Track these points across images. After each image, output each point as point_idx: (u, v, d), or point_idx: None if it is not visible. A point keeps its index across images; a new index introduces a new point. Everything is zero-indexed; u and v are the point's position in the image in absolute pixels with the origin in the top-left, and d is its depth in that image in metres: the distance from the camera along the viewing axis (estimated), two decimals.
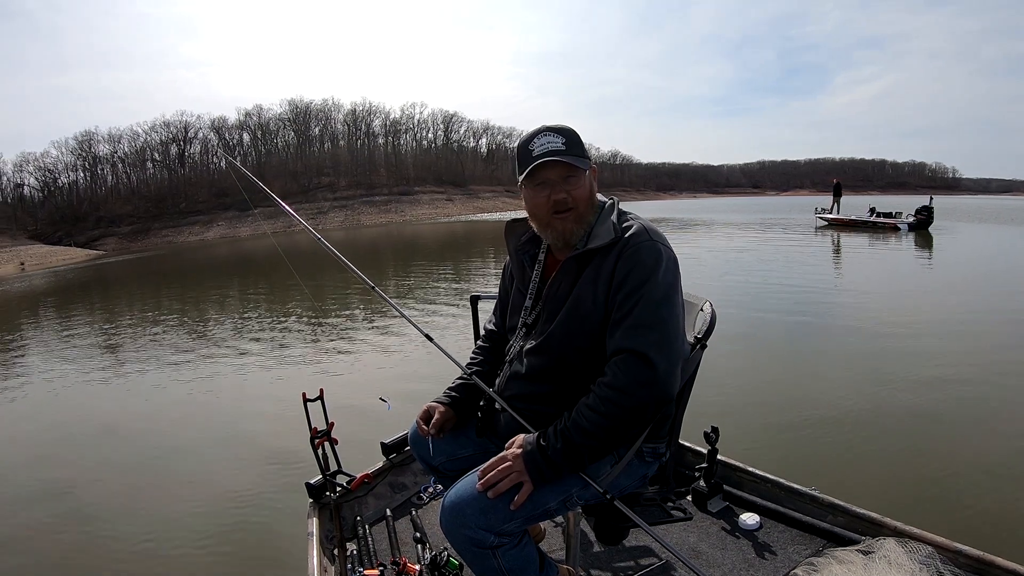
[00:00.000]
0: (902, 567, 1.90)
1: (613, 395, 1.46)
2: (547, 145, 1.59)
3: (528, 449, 1.50)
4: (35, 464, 4.98)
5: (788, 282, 11.39)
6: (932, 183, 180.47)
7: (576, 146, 1.62)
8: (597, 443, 1.49)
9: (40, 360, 9.08)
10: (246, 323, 10.91)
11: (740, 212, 45.93)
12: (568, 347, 1.61)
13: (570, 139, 1.61)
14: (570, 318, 1.59)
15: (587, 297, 1.56)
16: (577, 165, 1.60)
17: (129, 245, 59.32)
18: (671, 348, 1.48)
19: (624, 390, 1.45)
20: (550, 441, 1.49)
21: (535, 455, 1.49)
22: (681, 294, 1.59)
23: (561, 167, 1.59)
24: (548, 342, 1.64)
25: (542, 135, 1.61)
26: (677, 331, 1.52)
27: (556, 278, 1.65)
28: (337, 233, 47.63)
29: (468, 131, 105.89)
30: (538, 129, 1.63)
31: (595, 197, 1.68)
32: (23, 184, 73.20)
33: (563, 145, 1.59)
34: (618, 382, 1.45)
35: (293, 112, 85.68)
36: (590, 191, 1.65)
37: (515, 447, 1.52)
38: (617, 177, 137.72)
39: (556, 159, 1.58)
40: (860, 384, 5.41)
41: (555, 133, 1.61)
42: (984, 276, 12.11)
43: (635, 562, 2.27)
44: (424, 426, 1.82)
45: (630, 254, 1.52)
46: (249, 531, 3.66)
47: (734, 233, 24.95)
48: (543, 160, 1.58)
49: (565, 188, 1.60)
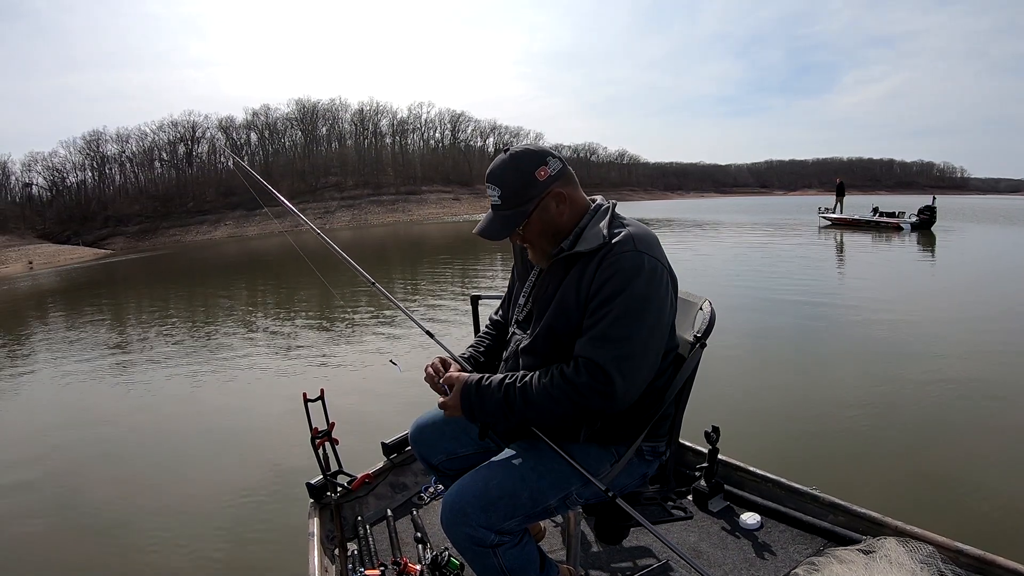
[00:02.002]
0: (903, 566, 1.90)
1: (567, 388, 1.47)
2: (491, 197, 1.62)
3: (465, 390, 1.59)
4: (34, 463, 5.00)
5: (789, 282, 11.37)
6: (940, 183, 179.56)
7: (513, 196, 1.59)
8: (533, 415, 1.54)
9: (41, 357, 9.14)
10: (249, 322, 10.96)
11: (746, 212, 45.72)
12: (553, 346, 1.61)
13: (505, 188, 1.59)
14: (554, 320, 1.59)
15: (569, 300, 1.56)
16: (512, 220, 1.60)
17: (137, 244, 59.51)
18: (630, 364, 1.47)
19: (579, 389, 1.46)
20: (491, 386, 1.57)
21: (469, 394, 1.58)
22: (666, 306, 1.55)
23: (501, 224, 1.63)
24: (536, 342, 1.65)
25: (488, 184, 1.62)
26: (644, 347, 1.49)
27: (545, 278, 1.67)
28: (344, 233, 47.70)
29: (475, 131, 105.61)
30: (488, 172, 1.63)
31: (564, 217, 1.63)
32: (31, 184, 73.49)
33: (499, 199, 1.60)
34: (578, 380, 1.46)
35: (300, 112, 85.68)
36: (550, 219, 1.61)
37: (457, 383, 1.62)
38: (624, 177, 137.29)
39: (487, 237, 1.64)
40: (860, 384, 5.41)
41: (493, 186, 1.60)
42: (985, 277, 12.06)
43: (635, 562, 2.26)
44: (440, 368, 1.75)
45: (609, 263, 1.50)
46: (249, 531, 3.66)
47: (738, 233, 24.85)
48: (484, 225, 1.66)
49: (517, 234, 1.64)
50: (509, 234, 1.63)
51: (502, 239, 1.64)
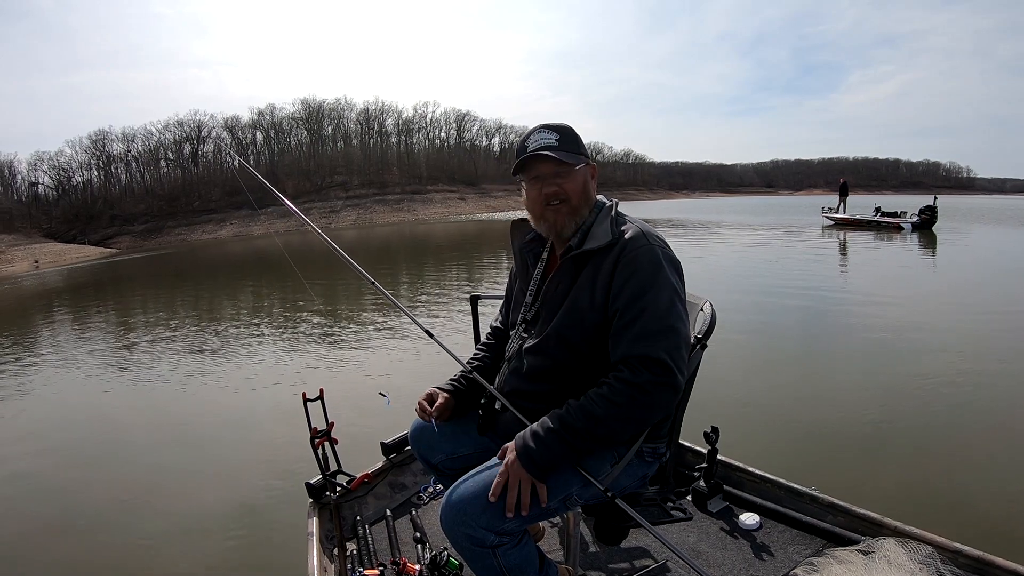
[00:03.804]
0: (902, 567, 1.89)
1: (631, 391, 1.45)
2: (541, 141, 1.64)
3: (520, 445, 1.50)
4: (34, 464, 5.02)
5: (789, 282, 11.37)
6: (946, 183, 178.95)
7: (570, 142, 1.66)
8: (602, 431, 1.47)
9: (42, 357, 9.16)
10: (250, 322, 10.97)
11: (751, 212, 45.58)
12: (564, 348, 1.62)
13: (564, 136, 1.65)
14: (566, 319, 1.60)
15: (584, 299, 1.57)
16: (566, 160, 1.63)
17: (143, 243, 59.63)
18: (680, 354, 1.48)
19: (644, 388, 1.44)
20: (543, 426, 1.49)
21: (527, 448, 1.48)
22: (684, 292, 1.59)
23: (552, 162, 1.63)
24: (546, 342, 1.65)
25: (538, 132, 1.66)
26: (686, 334, 1.53)
27: (555, 277, 1.67)
28: (350, 232, 47.71)
29: (481, 130, 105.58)
30: (536, 127, 1.68)
31: (591, 195, 1.70)
32: (38, 183, 73.93)
33: (556, 141, 1.64)
34: (639, 379, 1.45)
35: (306, 111, 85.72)
36: (584, 186, 1.67)
37: (509, 452, 1.51)
38: (630, 176, 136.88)
39: (547, 154, 1.62)
40: (859, 384, 5.41)
41: (550, 130, 1.65)
42: (983, 276, 12.07)
43: (633, 563, 2.26)
44: (428, 406, 1.84)
45: (628, 260, 1.53)
46: (249, 531, 3.67)
47: (742, 233, 24.81)
48: (534, 154, 1.64)
49: (556, 182, 1.64)
50: (579, 161, 1.66)
51: (563, 163, 1.64)
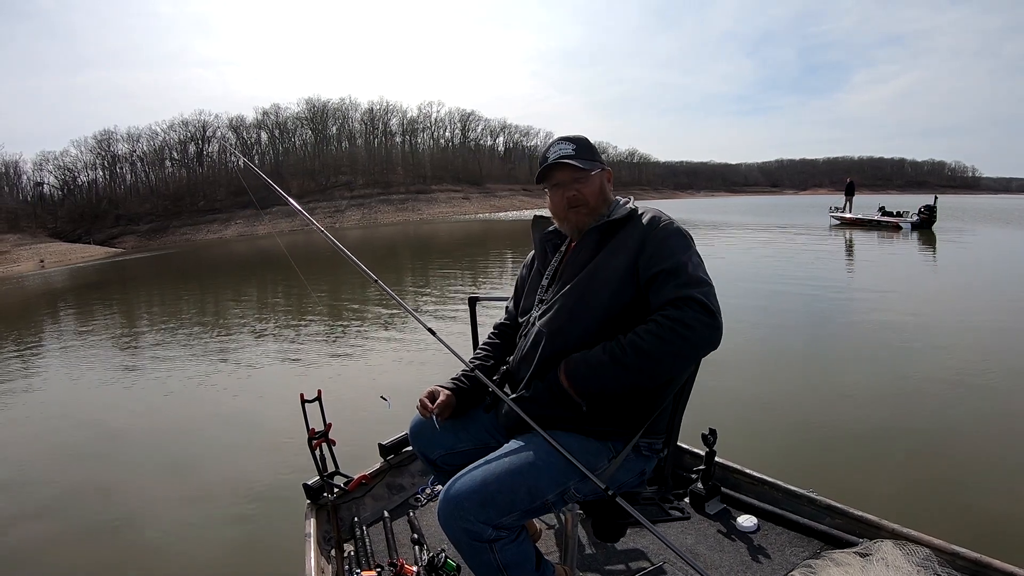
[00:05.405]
0: (899, 569, 1.89)
1: (677, 326, 1.52)
2: (560, 152, 1.83)
3: (570, 364, 1.63)
4: (34, 462, 5.05)
5: (790, 283, 11.36)
6: (952, 182, 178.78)
7: (586, 151, 1.84)
8: (648, 365, 1.54)
9: (44, 356, 9.21)
10: (252, 322, 10.99)
11: (756, 212, 45.48)
12: (581, 308, 1.70)
13: (580, 145, 1.84)
14: (586, 282, 1.71)
15: (607, 265, 1.70)
16: (582, 167, 1.80)
17: (148, 243, 59.78)
18: (717, 303, 1.58)
19: (688, 323, 1.52)
20: (594, 353, 1.61)
21: (577, 368, 1.62)
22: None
23: (570, 169, 1.81)
24: (563, 302, 1.73)
25: (556, 144, 1.86)
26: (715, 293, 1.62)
27: (576, 248, 1.82)
28: (354, 232, 47.79)
29: (485, 130, 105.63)
30: (555, 139, 1.88)
31: (608, 196, 1.87)
32: (43, 183, 74.05)
33: (573, 151, 1.82)
34: (685, 315, 1.52)
35: (311, 111, 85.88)
36: (600, 189, 1.85)
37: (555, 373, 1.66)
38: (634, 176, 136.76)
39: (565, 162, 1.80)
40: (857, 385, 5.39)
41: (567, 142, 1.84)
42: (981, 277, 12.02)
43: (630, 564, 2.26)
44: (429, 403, 1.88)
45: (660, 230, 1.69)
46: (246, 531, 3.68)
47: (745, 234, 24.74)
48: (554, 163, 1.82)
49: (575, 187, 1.81)
50: (595, 167, 1.84)
51: (580, 169, 1.81)
